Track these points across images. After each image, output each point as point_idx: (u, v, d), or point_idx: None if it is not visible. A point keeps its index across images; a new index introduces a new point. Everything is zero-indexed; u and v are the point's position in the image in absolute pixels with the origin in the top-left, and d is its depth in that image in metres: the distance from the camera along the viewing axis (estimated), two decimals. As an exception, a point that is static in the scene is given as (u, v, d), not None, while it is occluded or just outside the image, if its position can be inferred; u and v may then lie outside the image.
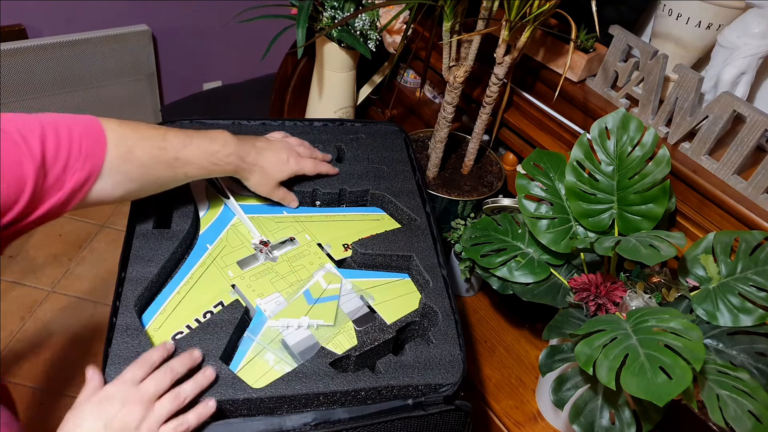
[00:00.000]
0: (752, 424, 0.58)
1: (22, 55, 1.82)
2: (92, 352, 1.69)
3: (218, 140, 0.72)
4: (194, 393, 0.60)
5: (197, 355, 0.63)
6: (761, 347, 0.66)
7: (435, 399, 0.65)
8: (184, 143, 0.69)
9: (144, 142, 0.65)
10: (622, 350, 0.61)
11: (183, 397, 0.59)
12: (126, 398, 0.57)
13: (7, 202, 0.56)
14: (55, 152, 0.58)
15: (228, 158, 0.73)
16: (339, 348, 0.68)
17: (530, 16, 0.78)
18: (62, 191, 0.60)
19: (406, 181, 0.89)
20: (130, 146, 0.64)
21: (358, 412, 0.63)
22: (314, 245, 0.79)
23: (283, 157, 0.79)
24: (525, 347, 0.96)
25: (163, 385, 0.59)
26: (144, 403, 0.57)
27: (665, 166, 0.75)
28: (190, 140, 0.69)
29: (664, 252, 0.63)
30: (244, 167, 0.75)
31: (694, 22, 0.91)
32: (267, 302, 0.71)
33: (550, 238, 0.80)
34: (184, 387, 0.60)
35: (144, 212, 0.77)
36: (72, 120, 0.61)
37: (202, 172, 0.72)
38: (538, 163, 0.84)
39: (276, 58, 1.25)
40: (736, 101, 0.79)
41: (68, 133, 0.60)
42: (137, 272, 0.70)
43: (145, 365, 0.60)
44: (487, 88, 0.90)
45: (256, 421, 0.61)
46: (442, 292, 0.75)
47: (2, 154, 0.55)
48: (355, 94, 1.19)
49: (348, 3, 1.03)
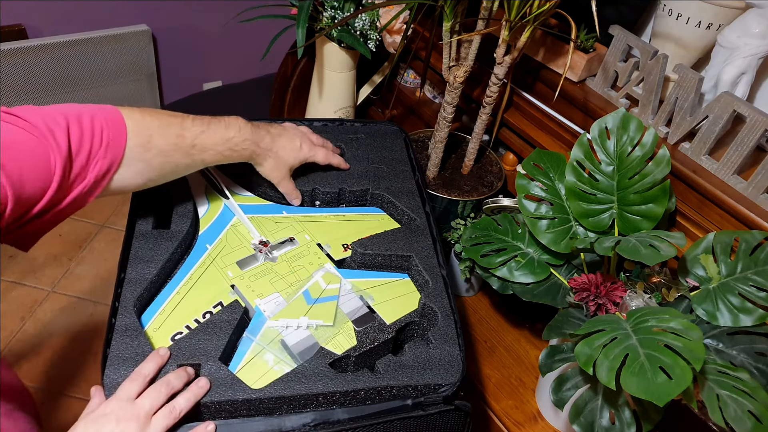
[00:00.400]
0: (752, 424, 0.58)
1: (22, 55, 1.82)
2: (92, 352, 1.69)
3: (233, 126, 0.73)
4: (189, 405, 0.60)
5: (192, 372, 0.63)
6: (761, 347, 0.66)
7: (434, 399, 0.65)
8: (201, 129, 0.70)
9: (163, 130, 0.67)
10: (622, 350, 0.61)
11: (178, 411, 0.59)
12: (121, 416, 0.56)
13: (35, 194, 0.56)
14: (78, 143, 0.60)
15: (244, 143, 0.74)
16: (338, 348, 0.67)
17: (530, 16, 0.78)
18: (86, 181, 0.61)
19: (406, 181, 0.89)
20: (150, 134, 0.65)
21: (357, 413, 0.63)
22: (314, 245, 0.79)
23: (296, 144, 0.81)
24: (525, 347, 0.96)
25: (159, 401, 0.59)
26: (140, 419, 0.57)
27: (665, 166, 0.75)
28: (207, 127, 0.71)
29: (664, 252, 0.63)
30: (258, 152, 0.76)
31: (694, 22, 0.91)
32: (266, 302, 0.71)
33: (550, 238, 0.80)
34: (179, 401, 0.59)
35: (143, 213, 0.77)
36: (93, 110, 0.63)
37: (218, 158, 0.73)
38: (538, 163, 0.84)
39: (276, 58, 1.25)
40: (736, 101, 0.78)
41: (90, 124, 0.61)
42: (136, 273, 0.70)
43: (139, 379, 0.59)
44: (487, 88, 0.90)
45: (255, 422, 0.61)
46: (441, 292, 0.75)
47: (31, 146, 0.56)
48: (355, 94, 1.19)
49: (348, 3, 1.03)
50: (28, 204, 0.56)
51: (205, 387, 0.61)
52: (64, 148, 0.58)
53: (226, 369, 0.63)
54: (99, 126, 0.61)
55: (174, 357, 0.63)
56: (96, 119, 0.62)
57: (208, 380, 0.62)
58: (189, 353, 0.64)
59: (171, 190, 0.80)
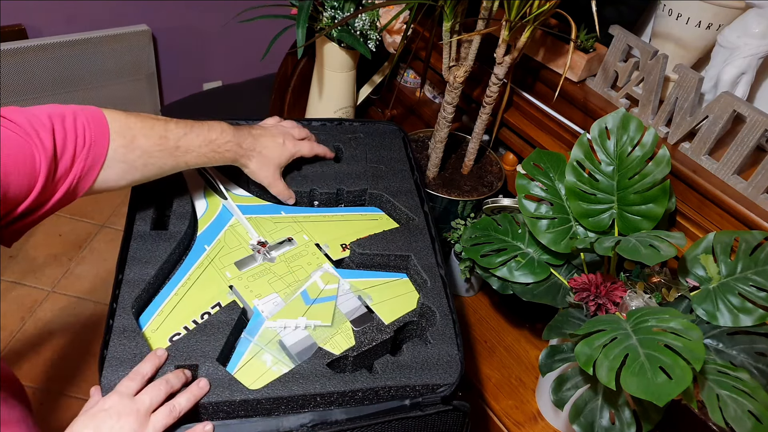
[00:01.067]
0: (752, 424, 0.58)
1: (22, 55, 1.82)
2: (92, 352, 1.69)
3: (216, 129, 0.74)
4: (189, 405, 0.59)
5: (189, 374, 0.63)
6: (761, 347, 0.66)
7: (432, 399, 0.65)
8: (184, 131, 0.71)
9: (147, 131, 0.67)
10: (622, 350, 0.61)
11: (178, 410, 0.59)
12: (121, 411, 0.56)
13: (20, 194, 0.57)
14: (63, 143, 0.60)
15: (226, 145, 0.75)
16: (336, 348, 0.67)
17: (530, 16, 0.77)
18: (70, 180, 0.61)
19: (405, 181, 0.88)
20: (134, 135, 0.66)
21: (355, 413, 0.63)
22: (312, 245, 0.79)
23: (279, 141, 0.81)
24: (525, 347, 0.96)
25: (159, 398, 0.59)
26: (139, 415, 0.57)
27: (665, 166, 0.75)
28: (191, 129, 0.72)
29: (664, 252, 0.63)
30: (242, 153, 0.77)
31: (694, 22, 0.91)
32: (265, 303, 0.71)
33: (550, 238, 0.80)
34: (179, 399, 0.59)
35: (141, 214, 0.77)
36: (76, 110, 0.63)
37: (202, 159, 0.74)
38: (538, 163, 0.84)
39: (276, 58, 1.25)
40: (736, 101, 0.78)
41: (73, 124, 0.62)
42: (134, 274, 0.70)
43: (137, 378, 0.59)
44: (487, 88, 0.90)
45: (253, 423, 0.61)
46: (440, 292, 0.74)
47: (17, 146, 0.56)
48: (355, 94, 1.19)
49: (348, 3, 1.03)
50: (13, 203, 0.57)
51: (206, 388, 0.61)
52: (49, 148, 0.58)
53: (224, 370, 0.63)
54: (82, 126, 0.62)
55: (172, 358, 0.63)
56: (78, 119, 0.62)
57: (208, 381, 0.62)
58: (187, 354, 0.64)
59: (169, 190, 0.80)
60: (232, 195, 0.83)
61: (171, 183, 0.80)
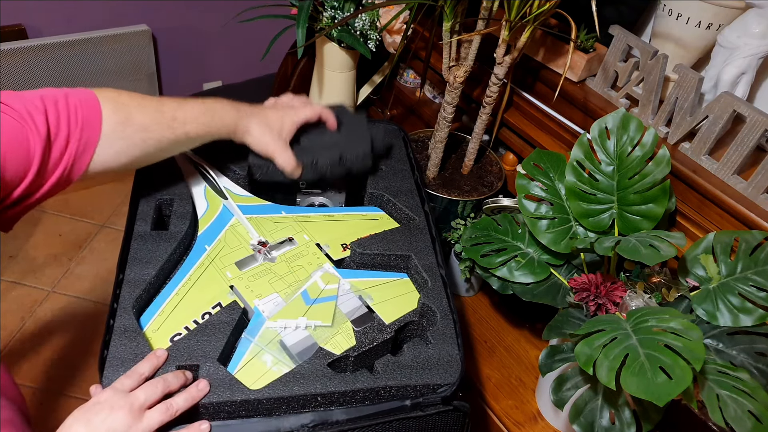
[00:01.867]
0: (752, 424, 0.58)
1: (22, 55, 1.82)
2: (92, 352, 1.69)
3: (211, 98, 0.75)
4: (187, 406, 0.59)
5: (189, 376, 0.63)
6: (761, 347, 0.66)
7: (433, 400, 0.65)
8: (179, 104, 0.71)
9: (141, 108, 0.68)
10: (622, 350, 0.61)
11: (174, 409, 0.59)
12: (114, 404, 0.56)
13: (16, 178, 0.57)
14: (56, 125, 0.60)
15: (224, 109, 0.74)
16: (337, 348, 0.67)
17: (530, 16, 0.78)
18: (65, 162, 0.62)
19: (405, 181, 0.88)
20: (129, 111, 0.66)
21: (355, 413, 0.63)
22: (312, 245, 0.79)
23: (279, 112, 0.80)
24: (525, 347, 0.96)
25: (154, 395, 0.58)
26: (132, 410, 0.57)
27: (665, 166, 0.75)
28: (185, 101, 0.72)
29: (664, 252, 0.63)
30: (242, 116, 0.76)
31: (694, 22, 0.91)
32: (265, 303, 0.71)
33: (550, 238, 0.80)
34: (176, 399, 0.59)
35: (142, 214, 0.77)
36: (67, 92, 0.64)
37: (202, 128, 0.73)
38: (538, 163, 0.84)
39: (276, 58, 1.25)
40: (736, 101, 0.78)
41: (66, 105, 0.62)
42: (135, 274, 0.70)
43: (135, 376, 0.60)
44: (487, 88, 0.90)
45: (253, 423, 0.61)
46: (440, 292, 0.74)
47: (12, 130, 0.56)
48: (355, 94, 1.19)
49: (348, 3, 1.03)
50: (9, 187, 0.57)
51: (204, 390, 0.61)
52: (43, 131, 0.59)
53: (224, 370, 0.63)
54: (74, 106, 0.62)
55: (173, 358, 0.63)
56: (70, 100, 0.63)
57: (208, 383, 0.62)
58: (188, 354, 0.64)
59: (170, 190, 0.80)
60: (232, 195, 0.83)
61: (171, 183, 0.81)
